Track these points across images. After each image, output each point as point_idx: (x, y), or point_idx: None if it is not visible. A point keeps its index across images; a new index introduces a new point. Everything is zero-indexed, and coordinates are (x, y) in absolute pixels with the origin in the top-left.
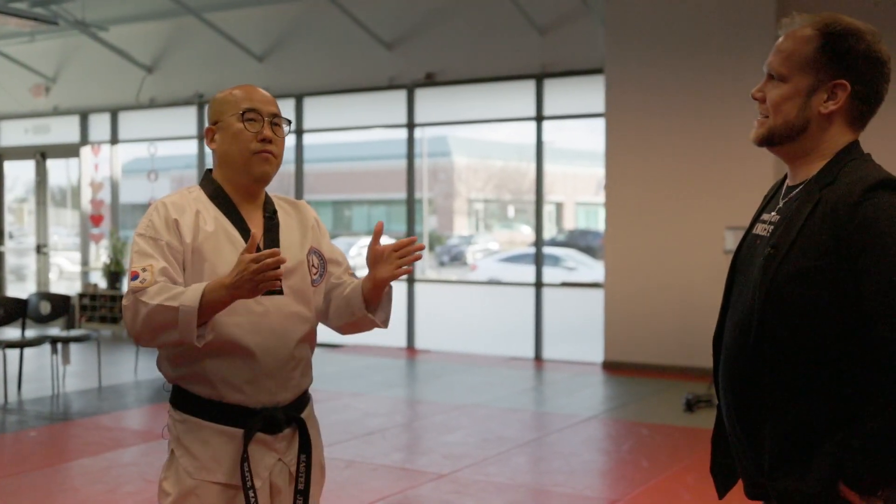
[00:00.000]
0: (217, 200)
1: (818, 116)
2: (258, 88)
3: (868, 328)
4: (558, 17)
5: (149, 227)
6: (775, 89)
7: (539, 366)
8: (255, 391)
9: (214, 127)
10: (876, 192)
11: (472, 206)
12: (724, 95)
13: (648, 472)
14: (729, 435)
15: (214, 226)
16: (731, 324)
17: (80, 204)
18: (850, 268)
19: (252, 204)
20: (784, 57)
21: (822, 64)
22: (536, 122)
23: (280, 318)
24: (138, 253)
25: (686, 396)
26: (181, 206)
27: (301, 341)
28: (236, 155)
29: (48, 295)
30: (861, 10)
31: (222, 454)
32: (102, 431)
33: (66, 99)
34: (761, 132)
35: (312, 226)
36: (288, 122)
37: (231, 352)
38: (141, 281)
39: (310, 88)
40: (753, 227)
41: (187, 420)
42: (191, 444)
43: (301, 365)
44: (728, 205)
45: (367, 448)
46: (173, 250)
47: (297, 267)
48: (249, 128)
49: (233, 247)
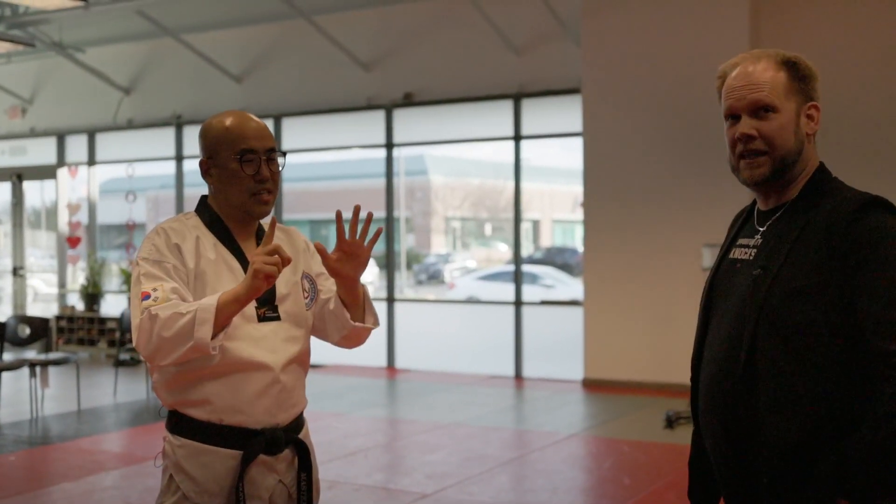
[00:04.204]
0: (214, 228)
1: (805, 139)
2: (251, 118)
3: (866, 343)
4: (535, 37)
5: (152, 251)
6: (771, 122)
7: (519, 384)
8: (255, 412)
9: (209, 162)
10: (867, 210)
11: (450, 224)
12: (701, 113)
13: (630, 489)
14: (713, 457)
15: (214, 253)
16: (715, 347)
17: (56, 225)
18: (846, 285)
19: (246, 232)
20: (770, 89)
21: (797, 89)
22: (514, 141)
23: (277, 340)
24: (146, 276)
25: (666, 413)
26: (181, 232)
27: (297, 363)
28: (234, 196)
29: (27, 318)
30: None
31: (224, 476)
32: (82, 455)
33: (43, 120)
34: (764, 171)
35: (304, 250)
36: (283, 154)
37: (231, 373)
38: (154, 299)
39: (288, 109)
40: (730, 252)
41: (186, 445)
42: (191, 468)
43: (298, 386)
44: (705, 222)
45: (349, 469)
46: (179, 272)
47: (292, 291)
48: (247, 170)
49: (232, 275)
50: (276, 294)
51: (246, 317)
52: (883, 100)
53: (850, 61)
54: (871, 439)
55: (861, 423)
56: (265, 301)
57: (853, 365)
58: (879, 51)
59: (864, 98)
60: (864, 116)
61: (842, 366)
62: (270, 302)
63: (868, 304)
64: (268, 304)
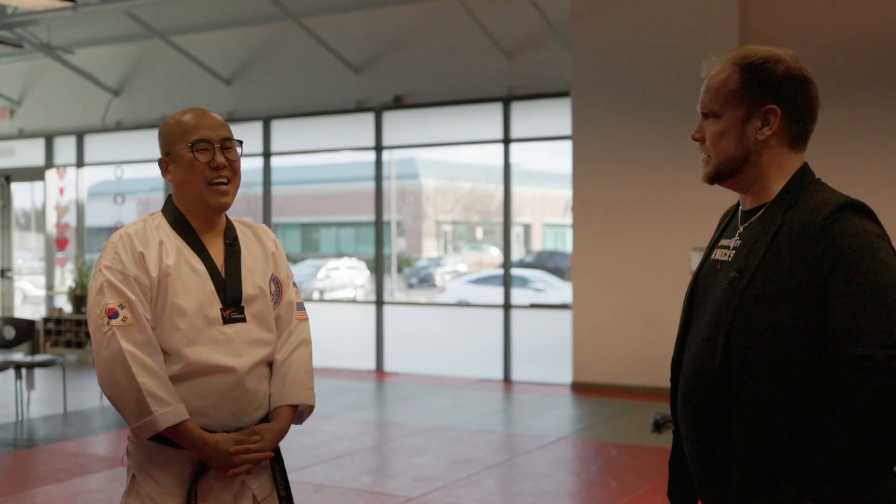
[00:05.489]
0: (179, 228)
1: (757, 144)
2: (207, 112)
3: (837, 347)
4: (525, 40)
5: (115, 260)
6: (712, 126)
7: (508, 387)
8: (219, 415)
9: (167, 158)
10: (841, 214)
11: (441, 227)
12: (690, 117)
13: (617, 492)
14: (689, 458)
15: (176, 256)
16: (693, 349)
17: (44, 227)
18: (818, 289)
19: (213, 230)
20: (713, 94)
21: (748, 93)
22: (504, 144)
23: (242, 344)
24: (109, 288)
25: (654, 417)
26: (145, 238)
27: (263, 365)
28: (191, 187)
29: (13, 320)
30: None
31: (185, 478)
32: (68, 458)
33: (31, 122)
34: (708, 171)
35: (273, 252)
36: (240, 142)
37: (195, 377)
38: (122, 319)
39: (278, 111)
40: (712, 253)
41: (148, 446)
42: (152, 470)
43: (264, 389)
44: (694, 226)
45: (335, 472)
46: (141, 285)
47: (260, 294)
48: (201, 158)
49: (195, 276)
50: (242, 295)
51: (210, 319)
52: (871, 82)
53: (839, 43)
54: (840, 444)
55: (831, 427)
56: (232, 303)
57: (824, 369)
58: (867, 33)
59: (852, 80)
60: (851, 98)
61: (813, 370)
62: (236, 303)
63: (839, 308)
64: (234, 305)
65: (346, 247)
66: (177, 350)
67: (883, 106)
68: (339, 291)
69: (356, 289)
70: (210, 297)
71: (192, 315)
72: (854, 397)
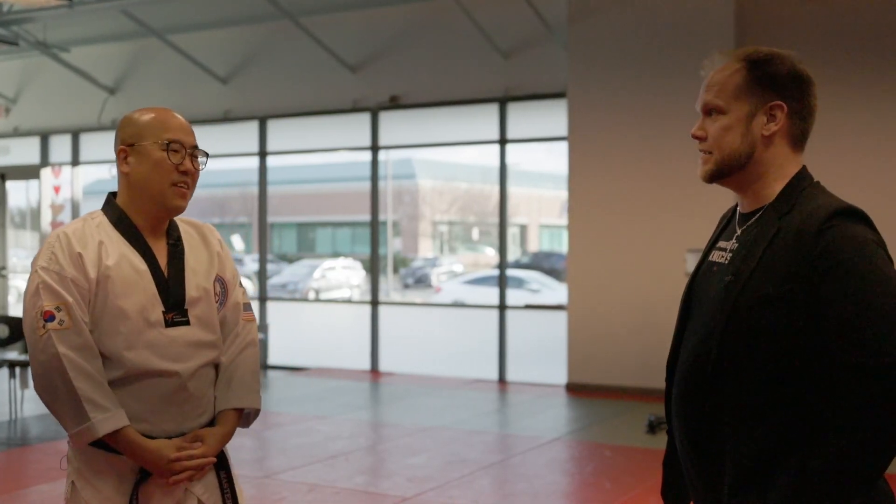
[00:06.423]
0: (121, 228)
1: (761, 140)
2: (175, 114)
3: (834, 354)
4: (521, 41)
5: (51, 261)
6: (715, 123)
7: (503, 388)
8: (160, 420)
9: (129, 149)
10: (837, 219)
11: (437, 228)
12: (687, 119)
13: (611, 493)
14: (682, 459)
15: (117, 257)
16: (688, 350)
17: (39, 226)
18: (813, 295)
19: (157, 231)
20: (718, 90)
21: (754, 89)
22: (500, 144)
23: (185, 346)
24: (45, 289)
25: (648, 418)
26: (83, 238)
27: (208, 368)
28: (153, 184)
29: (7, 318)
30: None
31: (126, 485)
32: (61, 457)
33: (27, 120)
34: (709, 168)
35: (218, 252)
36: (205, 154)
37: (135, 382)
38: (59, 322)
39: (274, 111)
40: (710, 255)
41: (88, 451)
42: (92, 476)
43: (208, 393)
44: (689, 228)
45: (330, 472)
46: (79, 287)
47: (204, 296)
48: (172, 158)
49: (137, 276)
50: (185, 297)
51: (151, 322)
52: (869, 80)
53: (835, 39)
54: (832, 450)
55: (824, 433)
56: (174, 305)
57: (817, 375)
58: (864, 27)
59: (851, 74)
60: (852, 91)
61: (806, 375)
62: (179, 306)
63: (834, 314)
64: (177, 308)
65: (342, 247)
66: (116, 354)
67: (876, 103)
68: (335, 291)
69: (352, 289)
70: (152, 299)
71: (133, 318)
72: (846, 404)
